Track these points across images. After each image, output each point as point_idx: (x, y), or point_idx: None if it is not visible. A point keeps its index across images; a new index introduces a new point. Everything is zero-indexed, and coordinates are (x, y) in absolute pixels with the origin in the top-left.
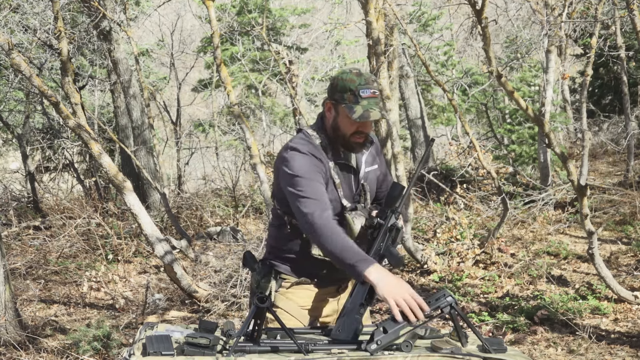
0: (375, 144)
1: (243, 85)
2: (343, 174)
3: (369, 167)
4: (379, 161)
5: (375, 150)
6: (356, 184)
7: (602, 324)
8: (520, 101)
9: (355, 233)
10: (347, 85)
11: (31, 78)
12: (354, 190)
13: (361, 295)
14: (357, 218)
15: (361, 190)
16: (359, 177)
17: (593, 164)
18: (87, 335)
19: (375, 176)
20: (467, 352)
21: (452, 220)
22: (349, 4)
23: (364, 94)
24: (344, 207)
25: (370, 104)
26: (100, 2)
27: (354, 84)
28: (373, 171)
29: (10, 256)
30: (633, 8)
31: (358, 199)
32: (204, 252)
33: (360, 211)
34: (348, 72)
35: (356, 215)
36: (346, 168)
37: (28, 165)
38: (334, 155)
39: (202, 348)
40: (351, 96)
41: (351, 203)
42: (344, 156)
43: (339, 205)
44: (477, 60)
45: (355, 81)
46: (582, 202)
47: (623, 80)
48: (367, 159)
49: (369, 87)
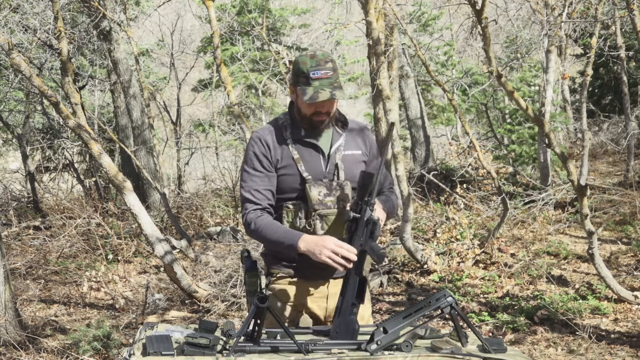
0: (361, 130)
1: (243, 85)
2: (308, 151)
3: (348, 151)
4: (365, 149)
5: (361, 136)
6: (325, 162)
7: (602, 324)
8: (520, 101)
9: (314, 199)
10: (300, 68)
11: (31, 78)
12: (324, 168)
13: (351, 294)
14: (314, 187)
15: (335, 169)
16: (328, 156)
17: (593, 164)
18: (87, 335)
19: (357, 161)
20: (467, 352)
21: (452, 220)
22: (349, 4)
23: (314, 75)
24: (303, 179)
25: (322, 84)
26: (100, 2)
27: (306, 66)
28: (353, 155)
29: (10, 256)
30: (633, 8)
31: (331, 177)
32: (204, 252)
33: (323, 182)
34: (304, 54)
35: (314, 184)
36: (311, 146)
37: (28, 165)
38: (293, 133)
39: (202, 348)
40: (304, 78)
41: (320, 178)
42: (305, 134)
43: (299, 178)
44: (477, 60)
45: (308, 63)
46: (582, 202)
47: (623, 80)
48: (345, 141)
49: (319, 68)
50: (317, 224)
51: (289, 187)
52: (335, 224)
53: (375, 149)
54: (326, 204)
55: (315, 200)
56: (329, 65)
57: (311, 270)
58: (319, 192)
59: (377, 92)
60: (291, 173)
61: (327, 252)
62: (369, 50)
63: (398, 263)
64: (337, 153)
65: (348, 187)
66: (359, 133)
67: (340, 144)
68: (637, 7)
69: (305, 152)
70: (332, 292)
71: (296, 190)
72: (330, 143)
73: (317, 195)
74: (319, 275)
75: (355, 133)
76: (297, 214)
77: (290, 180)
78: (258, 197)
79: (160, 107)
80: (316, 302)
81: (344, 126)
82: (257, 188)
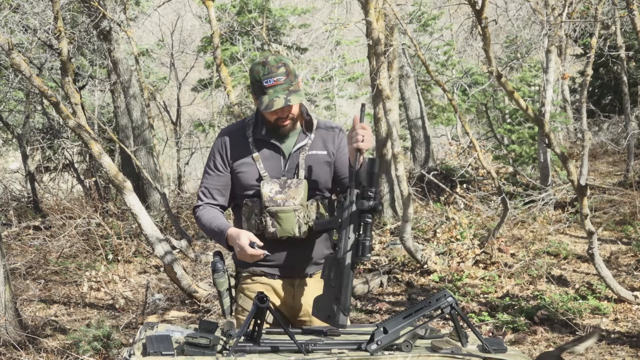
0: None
1: (243, 85)
2: (268, 150)
3: (313, 151)
4: (332, 150)
5: (330, 137)
6: (285, 161)
7: (602, 324)
8: (520, 101)
9: (264, 196)
10: (254, 77)
11: (31, 78)
12: (283, 167)
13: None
14: (267, 184)
15: (296, 168)
16: (289, 155)
17: (593, 164)
18: (87, 335)
19: (322, 161)
20: (467, 352)
21: (452, 220)
22: (349, 4)
23: (267, 84)
24: (261, 177)
25: (276, 91)
26: (100, 2)
27: (259, 74)
28: (317, 155)
29: (10, 256)
30: (633, 8)
31: (291, 176)
32: (204, 252)
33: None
34: (257, 62)
35: (267, 182)
36: (271, 145)
37: (28, 165)
38: (255, 132)
39: (202, 348)
40: (259, 88)
41: (278, 177)
42: (266, 133)
43: (257, 175)
44: (477, 60)
45: (260, 72)
46: (582, 202)
47: (623, 80)
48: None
49: (271, 75)
50: (267, 221)
51: (247, 184)
52: (285, 222)
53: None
54: (276, 201)
55: (266, 197)
56: (281, 70)
57: (278, 268)
58: (270, 189)
59: (377, 92)
60: (249, 170)
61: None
62: (369, 50)
63: (398, 263)
64: (301, 153)
65: (302, 185)
66: (327, 134)
67: (305, 144)
68: (637, 7)
69: (265, 151)
70: (298, 291)
71: (253, 187)
72: (294, 143)
73: (268, 192)
74: (284, 274)
75: (323, 134)
76: (253, 211)
77: (247, 177)
78: (206, 195)
79: (160, 107)
80: (281, 300)
81: (309, 128)
82: (207, 186)
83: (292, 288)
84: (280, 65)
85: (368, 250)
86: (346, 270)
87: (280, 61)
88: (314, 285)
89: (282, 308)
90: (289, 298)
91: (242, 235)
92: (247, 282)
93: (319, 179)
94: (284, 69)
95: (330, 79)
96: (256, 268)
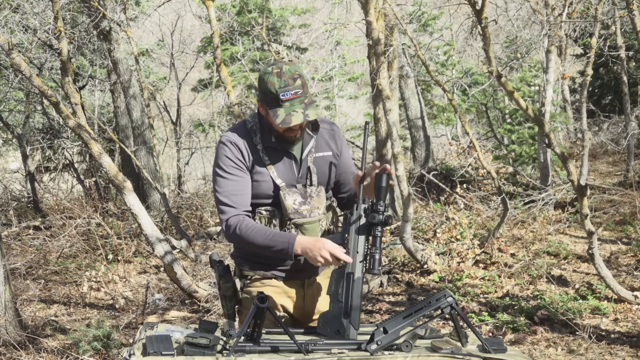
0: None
1: (243, 85)
2: (280, 157)
3: (319, 153)
4: (335, 149)
5: (331, 136)
6: (298, 167)
7: (602, 324)
8: (520, 101)
9: (289, 208)
10: (269, 89)
11: (31, 78)
12: (296, 173)
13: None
14: (289, 194)
15: (307, 173)
16: (300, 160)
17: (593, 164)
18: (87, 335)
19: (327, 162)
20: (467, 352)
21: (452, 220)
22: (349, 4)
23: (284, 97)
24: (277, 186)
25: (293, 105)
26: (100, 2)
27: (275, 87)
28: (323, 157)
29: (10, 256)
30: (633, 8)
31: (304, 182)
32: (204, 252)
33: (297, 189)
34: (270, 72)
35: (289, 192)
36: (282, 152)
37: (28, 165)
38: (263, 139)
39: (202, 348)
40: (273, 100)
41: (294, 184)
42: (275, 141)
43: (272, 184)
44: (477, 60)
45: (276, 84)
46: (582, 202)
47: (623, 80)
48: (316, 144)
49: (289, 89)
50: (291, 232)
51: (262, 193)
52: (310, 232)
53: (344, 146)
54: (301, 213)
55: (290, 209)
56: (297, 82)
57: (286, 271)
58: (294, 200)
59: (377, 92)
60: (263, 180)
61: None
62: (369, 50)
63: (398, 263)
64: (309, 156)
65: (322, 193)
66: (328, 133)
67: (312, 147)
68: (637, 7)
69: (276, 158)
70: (309, 292)
71: (269, 197)
72: (302, 147)
73: (292, 204)
74: (294, 276)
75: (325, 133)
76: (270, 221)
77: (262, 186)
78: (236, 202)
79: (160, 107)
80: (293, 302)
81: (315, 128)
82: (234, 192)
83: (302, 289)
84: (297, 76)
85: (378, 264)
86: (356, 285)
87: (296, 72)
88: (322, 282)
89: (295, 312)
90: (300, 300)
91: (325, 240)
92: (256, 285)
93: (328, 182)
94: (300, 80)
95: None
96: (266, 272)
